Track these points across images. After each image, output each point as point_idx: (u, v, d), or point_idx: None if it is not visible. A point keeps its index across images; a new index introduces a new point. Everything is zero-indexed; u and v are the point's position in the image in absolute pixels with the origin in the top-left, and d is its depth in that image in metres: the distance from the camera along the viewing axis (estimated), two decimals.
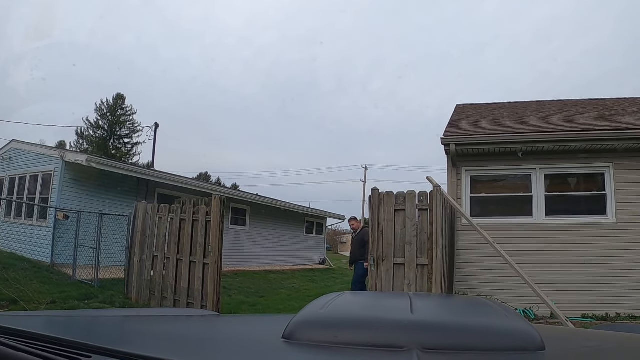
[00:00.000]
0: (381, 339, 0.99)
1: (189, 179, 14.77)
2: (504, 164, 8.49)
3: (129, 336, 1.34)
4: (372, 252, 6.25)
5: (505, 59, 70.87)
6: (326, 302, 1.26)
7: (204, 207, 7.19)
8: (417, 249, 6.12)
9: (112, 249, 9.62)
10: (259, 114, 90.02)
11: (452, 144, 8.02)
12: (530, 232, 8.24)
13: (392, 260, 6.19)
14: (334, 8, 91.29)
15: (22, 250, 11.07)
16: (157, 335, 1.32)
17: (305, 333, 1.06)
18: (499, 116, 10.34)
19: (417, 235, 6.14)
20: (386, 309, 1.32)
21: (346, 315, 1.19)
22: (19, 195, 12.80)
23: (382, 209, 6.31)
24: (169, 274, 7.45)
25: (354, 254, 8.28)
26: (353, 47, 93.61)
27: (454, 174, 8.33)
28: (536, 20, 78.01)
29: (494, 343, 1.00)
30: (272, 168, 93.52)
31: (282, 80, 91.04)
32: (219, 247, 6.91)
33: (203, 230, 7.08)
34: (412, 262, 6.10)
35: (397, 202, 6.32)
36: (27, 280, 8.65)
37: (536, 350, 0.99)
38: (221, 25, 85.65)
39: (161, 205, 8.09)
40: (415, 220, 6.18)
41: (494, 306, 1.32)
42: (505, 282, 7.59)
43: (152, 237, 7.96)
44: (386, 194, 6.38)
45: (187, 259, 7.21)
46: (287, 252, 18.62)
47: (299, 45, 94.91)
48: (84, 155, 10.77)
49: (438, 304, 1.64)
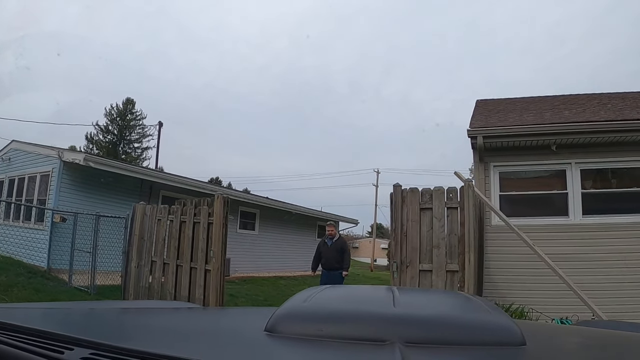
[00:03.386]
0: (363, 332, 0.99)
1: (196, 180, 13.94)
2: (536, 159, 7.69)
3: (111, 328, 1.30)
4: (395, 257, 5.53)
5: (518, 63, 69.93)
6: (309, 295, 1.26)
7: (205, 207, 6.50)
8: (446, 253, 5.39)
9: (110, 253, 8.98)
10: (271, 119, 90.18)
11: (480, 137, 7.26)
12: (565, 233, 7.43)
13: (417, 267, 5.46)
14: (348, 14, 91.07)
15: (19, 254, 10.51)
16: (140, 328, 1.30)
17: (288, 326, 1.05)
18: (525, 109, 9.54)
19: (446, 237, 5.41)
20: (369, 303, 1.29)
21: (328, 309, 1.18)
22: (18, 197, 12.25)
23: (405, 208, 5.59)
24: (168, 281, 6.77)
25: (328, 262, 7.82)
26: (366, 53, 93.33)
27: (481, 170, 7.56)
28: (548, 25, 76.84)
29: (475, 338, 1.00)
30: (284, 173, 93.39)
31: (295, 86, 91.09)
32: (222, 252, 6.22)
33: (205, 233, 6.40)
34: (440, 269, 5.37)
35: (422, 200, 5.59)
36: (19, 287, 8.09)
37: (517, 345, 1.00)
38: (235, 32, 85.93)
39: (160, 206, 7.43)
40: (443, 220, 5.45)
41: (476, 301, 1.31)
42: (541, 289, 6.81)
43: (151, 241, 7.29)
44: (410, 191, 5.66)
45: (188, 265, 6.53)
46: (298, 257, 17.85)
47: (312, 51, 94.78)
48: (82, 154, 10.13)
49: (421, 298, 1.61)
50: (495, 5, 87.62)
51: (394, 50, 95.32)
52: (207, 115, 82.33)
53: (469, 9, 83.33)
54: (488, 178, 7.56)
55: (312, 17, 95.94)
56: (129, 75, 66.11)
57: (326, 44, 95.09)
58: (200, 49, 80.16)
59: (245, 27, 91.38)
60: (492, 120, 8.32)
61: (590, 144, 7.49)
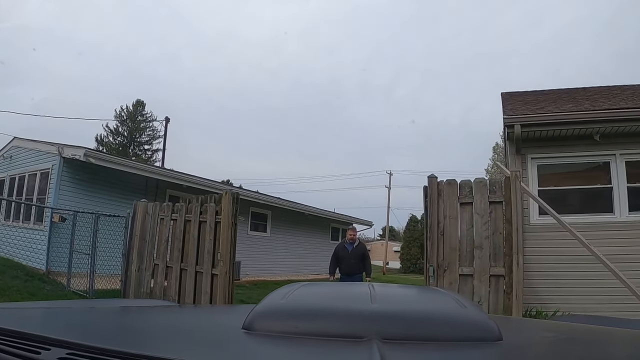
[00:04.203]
0: (341, 329, 0.99)
1: (205, 178, 13.08)
2: (577, 150, 6.93)
3: (89, 328, 1.25)
4: (431, 259, 4.81)
5: (529, 66, 68.89)
6: (287, 292, 1.26)
7: (212, 205, 5.84)
8: (490, 255, 4.66)
9: (111, 255, 8.34)
10: (282, 122, 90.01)
11: (517, 125, 6.52)
12: (609, 231, 6.66)
13: (456, 270, 4.74)
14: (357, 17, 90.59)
15: (19, 255, 9.94)
16: (117, 327, 1.28)
17: (265, 323, 1.05)
18: (559, 99, 8.77)
19: (489, 236, 4.69)
20: (346, 300, 1.28)
21: (306, 306, 1.17)
22: (19, 196, 11.68)
23: (442, 203, 4.87)
24: (171, 287, 6.12)
25: (349, 267, 7.36)
26: (376, 56, 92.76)
27: (518, 163, 6.82)
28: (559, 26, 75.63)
29: (452, 333, 1.00)
30: (294, 176, 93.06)
31: (305, 89, 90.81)
32: (230, 255, 5.55)
33: (212, 233, 5.73)
34: (483, 272, 4.65)
35: (461, 194, 4.87)
36: (14, 291, 7.50)
37: (493, 340, 1.00)
38: (245, 35, 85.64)
39: (163, 204, 6.78)
40: (486, 216, 4.73)
41: (453, 297, 1.29)
42: (588, 294, 6.09)
43: (153, 242, 6.64)
44: (447, 183, 4.95)
45: (193, 269, 5.87)
46: (311, 260, 17.16)
47: (322, 54, 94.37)
48: (82, 149, 9.47)
49: (398, 295, 1.57)
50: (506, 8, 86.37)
51: (405, 52, 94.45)
52: (218, 118, 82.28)
53: (478, 11, 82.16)
54: (525, 172, 6.83)
55: (323, 20, 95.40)
56: (140, 78, 66.07)
57: (337, 46, 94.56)
58: (211, 52, 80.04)
59: (256, 30, 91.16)
60: (528, 110, 7.56)
61: (636, 133, 6.73)
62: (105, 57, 63.75)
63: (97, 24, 64.80)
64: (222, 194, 5.74)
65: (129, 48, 67.71)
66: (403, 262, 32.44)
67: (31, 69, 61.12)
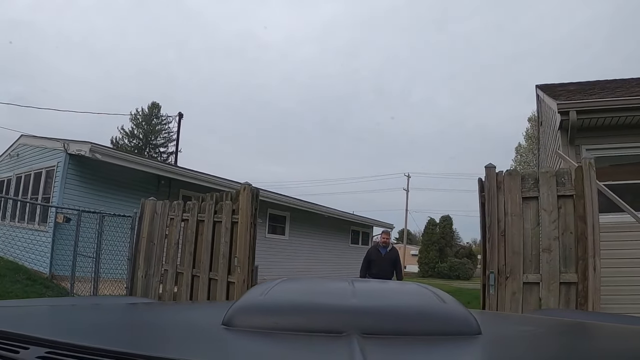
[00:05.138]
0: (321, 324, 0.98)
1: (222, 178, 12.15)
2: (637, 140, 6.15)
3: (68, 325, 1.21)
4: (491, 265, 4.06)
5: (545, 68, 67.51)
6: (267, 288, 1.25)
7: (229, 202, 5.15)
8: (559, 259, 3.91)
9: (116, 259, 7.70)
10: (297, 125, 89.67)
11: (573, 111, 5.75)
12: None
13: (520, 278, 3.98)
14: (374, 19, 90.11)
15: (23, 258, 9.38)
16: (97, 324, 1.24)
17: (245, 319, 1.05)
18: (606, 89, 7.96)
19: (558, 236, 3.93)
20: (326, 295, 1.27)
21: (286, 301, 1.17)
22: (24, 195, 11.14)
23: (502, 197, 4.12)
24: (182, 295, 5.44)
25: (383, 272, 7.15)
26: (392, 58, 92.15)
27: (572, 155, 6.04)
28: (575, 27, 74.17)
29: (431, 328, 1.00)
30: (309, 179, 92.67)
31: (321, 93, 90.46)
32: (249, 260, 4.86)
33: (228, 235, 5.04)
34: (552, 279, 3.89)
35: (524, 187, 4.12)
36: (12, 296, 6.99)
37: (473, 334, 1.01)
38: (261, 39, 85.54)
39: (174, 203, 6.11)
40: (555, 213, 3.97)
41: (433, 292, 1.28)
42: None
43: (162, 245, 5.97)
44: (508, 174, 4.20)
45: (206, 275, 5.18)
46: (330, 264, 16.42)
47: (338, 57, 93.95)
48: (87, 144, 8.83)
49: (378, 290, 1.55)
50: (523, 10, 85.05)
51: (420, 55, 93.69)
52: (234, 122, 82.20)
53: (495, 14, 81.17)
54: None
55: (339, 23, 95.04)
56: (156, 81, 66.16)
57: (353, 50, 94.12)
58: (226, 56, 79.96)
59: (272, 34, 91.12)
60: (580, 97, 6.78)
61: None
62: (121, 61, 64.02)
63: (112, 27, 65.03)
64: (239, 189, 5.04)
65: (145, 51, 67.80)
66: (421, 266, 31.51)
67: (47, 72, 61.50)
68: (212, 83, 78.13)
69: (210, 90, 74.95)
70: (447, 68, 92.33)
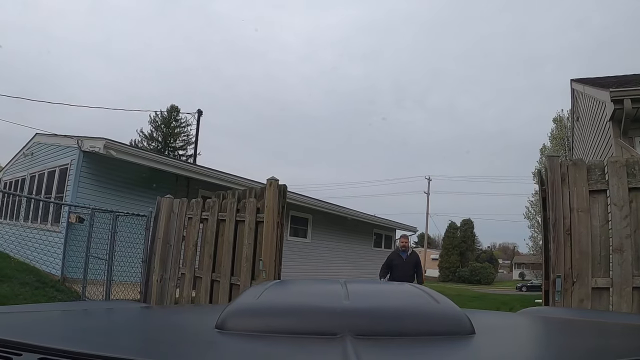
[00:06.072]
0: (314, 326, 0.98)
1: (242, 177, 11.50)
2: None
3: (60, 331, 1.23)
4: (557, 268, 3.48)
5: (566, 70, 66.37)
6: (260, 291, 1.26)
7: (253, 200, 4.64)
8: (632, 261, 3.32)
9: (130, 261, 7.26)
10: (318, 129, 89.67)
11: (628, 99, 5.20)
12: None
13: (588, 283, 3.40)
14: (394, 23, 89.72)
15: (35, 260, 8.97)
16: (90, 330, 1.25)
17: (238, 322, 1.04)
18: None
19: (630, 234, 3.35)
20: (319, 297, 1.27)
21: (279, 304, 1.17)
22: (38, 195, 10.80)
23: (567, 191, 3.55)
24: (201, 302, 4.95)
25: (404, 276, 7.05)
26: (412, 62, 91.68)
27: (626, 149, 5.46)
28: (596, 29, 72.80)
29: (425, 328, 1.00)
30: (328, 182, 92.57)
31: (341, 96, 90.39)
32: (276, 263, 4.34)
33: (252, 236, 4.53)
34: (624, 284, 3.30)
35: (591, 179, 3.55)
36: (19, 300, 6.61)
37: (466, 334, 1.01)
38: (282, 43, 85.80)
39: (192, 201, 5.64)
40: (626, 208, 3.39)
41: (426, 292, 1.28)
42: None
43: (179, 246, 5.50)
44: (572, 164, 3.63)
45: (227, 280, 4.67)
46: (353, 267, 15.84)
47: (359, 60, 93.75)
48: (101, 140, 8.43)
49: (371, 291, 1.54)
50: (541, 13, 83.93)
51: (440, 58, 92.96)
52: (254, 125, 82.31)
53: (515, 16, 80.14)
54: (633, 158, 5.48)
55: (359, 28, 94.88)
56: (177, 85, 66.51)
57: (373, 54, 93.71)
58: (247, 60, 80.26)
59: (293, 39, 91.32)
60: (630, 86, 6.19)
61: None
62: (143, 65, 64.54)
63: (133, 32, 65.63)
64: (264, 185, 4.54)
65: (166, 56, 68.34)
66: (442, 270, 30.77)
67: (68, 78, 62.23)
68: (232, 86, 78.69)
69: (230, 93, 75.46)
70: (466, 71, 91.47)
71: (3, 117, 36.25)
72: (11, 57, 47.77)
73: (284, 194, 4.49)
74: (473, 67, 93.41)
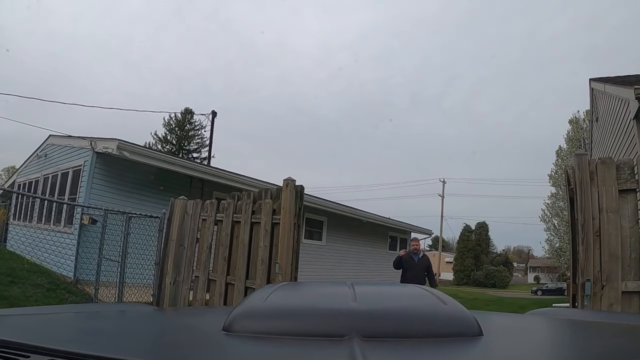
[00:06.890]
0: (321, 328, 0.97)
1: (257, 180, 11.30)
2: None
3: (68, 334, 1.24)
4: (586, 271, 3.28)
5: (581, 72, 65.52)
6: (267, 293, 1.25)
7: (269, 201, 4.50)
8: None
9: (143, 263, 7.15)
10: (331, 132, 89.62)
11: None
12: None
13: (618, 286, 3.20)
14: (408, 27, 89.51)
15: (49, 261, 8.96)
16: (96, 332, 1.25)
17: (246, 324, 1.04)
18: None
19: None
20: (327, 299, 1.26)
21: (286, 306, 1.16)
22: (51, 196, 10.78)
23: (595, 190, 3.36)
24: (214, 305, 4.80)
25: (416, 278, 7.10)
26: (426, 65, 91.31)
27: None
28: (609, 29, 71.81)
29: (433, 330, 1.00)
30: (345, 185, 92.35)
31: (356, 100, 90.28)
32: (292, 266, 4.19)
33: (267, 238, 4.39)
34: None
35: (620, 178, 3.35)
36: (30, 302, 6.57)
37: (474, 335, 1.01)
38: (296, 48, 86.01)
39: (206, 202, 5.51)
40: None
41: (434, 294, 1.27)
42: None
43: (192, 248, 5.37)
44: (601, 163, 3.43)
45: (242, 284, 4.53)
46: (368, 270, 15.66)
47: (372, 63, 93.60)
48: (114, 141, 8.34)
49: (379, 293, 1.50)
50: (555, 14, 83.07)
51: (454, 61, 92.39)
52: (267, 128, 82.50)
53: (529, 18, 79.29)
54: None
55: (374, 30, 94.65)
56: (192, 89, 66.87)
57: (387, 57, 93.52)
58: (261, 64, 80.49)
59: (307, 41, 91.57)
60: None
61: None
62: (157, 68, 65.01)
63: (148, 36, 66.18)
64: (281, 186, 4.39)
65: (181, 60, 68.79)
66: (456, 273, 30.38)
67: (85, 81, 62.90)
68: (246, 90, 78.82)
69: (244, 96, 75.55)
70: (482, 74, 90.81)
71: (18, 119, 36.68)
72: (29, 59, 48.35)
73: (300, 195, 4.34)
74: (488, 69, 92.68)
